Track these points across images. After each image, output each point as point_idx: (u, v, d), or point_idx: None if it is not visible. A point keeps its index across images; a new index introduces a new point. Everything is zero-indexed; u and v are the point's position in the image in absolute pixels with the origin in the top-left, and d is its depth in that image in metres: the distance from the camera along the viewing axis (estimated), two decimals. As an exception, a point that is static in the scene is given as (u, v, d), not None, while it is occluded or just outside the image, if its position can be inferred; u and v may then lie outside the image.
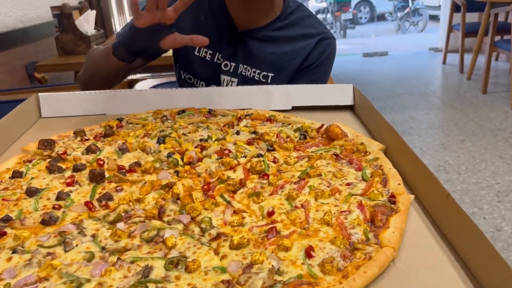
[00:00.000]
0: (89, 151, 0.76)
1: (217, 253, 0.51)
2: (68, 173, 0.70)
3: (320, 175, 0.65)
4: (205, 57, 1.13)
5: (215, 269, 0.47)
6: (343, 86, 0.95)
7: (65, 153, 0.75)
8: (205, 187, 0.63)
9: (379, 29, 8.28)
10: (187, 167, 0.70)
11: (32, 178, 0.69)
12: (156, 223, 0.56)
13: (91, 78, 1.12)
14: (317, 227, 0.53)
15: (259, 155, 0.71)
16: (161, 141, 0.78)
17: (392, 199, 0.57)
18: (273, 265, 0.46)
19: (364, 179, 0.63)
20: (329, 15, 8.52)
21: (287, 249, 0.49)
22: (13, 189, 0.66)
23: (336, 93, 0.95)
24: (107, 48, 1.00)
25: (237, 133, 0.80)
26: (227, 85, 1.14)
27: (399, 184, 0.61)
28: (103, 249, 0.52)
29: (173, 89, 0.97)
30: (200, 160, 0.72)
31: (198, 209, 0.58)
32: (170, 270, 0.47)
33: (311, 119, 0.85)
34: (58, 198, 0.63)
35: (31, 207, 0.61)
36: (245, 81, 1.12)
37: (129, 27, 0.90)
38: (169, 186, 0.64)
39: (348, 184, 0.62)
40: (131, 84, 1.54)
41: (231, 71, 1.13)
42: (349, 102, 0.94)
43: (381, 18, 9.19)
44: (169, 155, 0.73)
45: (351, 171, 0.66)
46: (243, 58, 1.12)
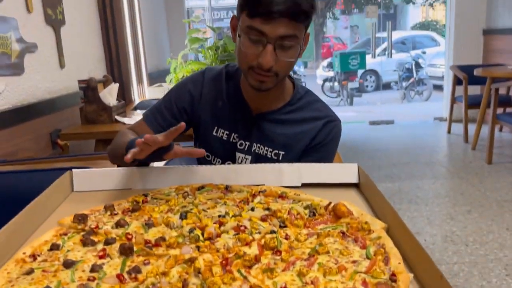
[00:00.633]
0: (118, 225, 0.84)
1: (235, 325, 0.56)
2: (100, 246, 0.77)
3: (328, 252, 0.71)
4: (222, 137, 1.25)
5: None
6: (348, 165, 1.03)
7: (97, 227, 0.83)
8: (224, 262, 0.70)
9: (385, 97, 8.54)
10: (207, 243, 0.77)
11: (68, 250, 0.76)
12: (180, 295, 0.63)
13: (116, 160, 1.24)
14: (326, 302, 0.60)
15: (272, 232, 0.79)
16: (183, 216, 0.86)
17: (393, 277, 0.63)
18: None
19: (368, 257, 0.70)
20: (336, 84, 8.82)
21: (298, 323, 0.55)
22: (52, 261, 0.73)
23: (342, 171, 1.03)
24: (124, 144, 1.09)
25: (252, 209, 0.88)
26: (241, 162, 1.25)
27: (399, 263, 0.67)
28: (134, 319, 0.58)
29: (193, 166, 1.06)
30: (218, 235, 0.79)
31: (217, 284, 0.64)
32: None
33: (319, 195, 0.92)
34: (92, 270, 0.70)
35: (68, 278, 0.67)
36: (258, 158, 1.23)
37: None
38: (191, 260, 0.71)
39: (353, 261, 0.68)
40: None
41: (246, 149, 1.24)
42: (354, 180, 1.01)
43: (387, 86, 9.50)
44: (191, 231, 0.80)
45: (356, 249, 0.72)
46: (257, 138, 1.24)
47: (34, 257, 0.74)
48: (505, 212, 2.86)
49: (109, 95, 2.48)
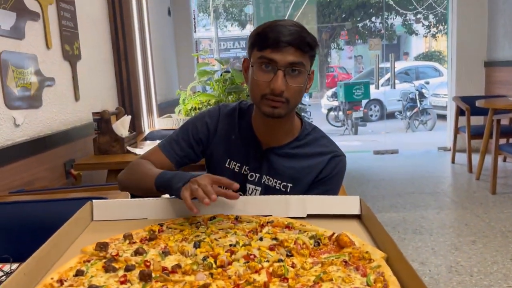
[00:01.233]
0: (137, 253, 0.91)
1: None
2: (121, 272, 0.83)
3: (331, 279, 0.77)
4: (234, 169, 1.34)
5: None
6: (351, 197, 1.10)
7: (117, 254, 0.90)
8: (235, 288, 0.76)
9: (389, 127, 8.61)
10: (220, 270, 0.83)
11: (92, 276, 0.83)
12: (196, 318, 0.69)
13: (130, 188, 1.33)
14: (329, 325, 0.65)
15: (280, 260, 0.85)
16: (197, 245, 0.93)
17: (390, 303, 0.69)
18: None
19: (368, 285, 0.76)
20: (340, 113, 8.92)
21: None
22: (77, 286, 0.79)
23: (345, 203, 1.10)
24: (150, 176, 1.19)
25: (261, 239, 0.95)
26: (252, 192, 1.33)
27: (397, 290, 0.73)
28: None
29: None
30: (230, 263, 0.86)
31: (230, 308, 0.70)
32: None
33: (323, 226, 0.99)
34: (114, 294, 0.76)
35: (93, 302, 0.75)
36: (267, 189, 1.32)
37: (174, 189, 1.10)
38: (205, 286, 0.77)
39: (354, 288, 0.75)
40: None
41: (256, 181, 1.33)
42: (356, 212, 1.08)
43: (391, 116, 9.59)
44: (204, 259, 0.87)
45: (357, 276, 0.79)
46: (267, 170, 1.32)
47: (61, 282, 0.81)
48: (510, 242, 2.88)
49: (122, 126, 2.58)
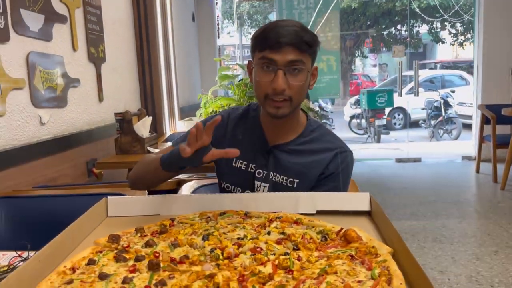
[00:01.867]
0: (147, 245, 0.93)
1: (248, 332, 0.63)
2: (131, 262, 0.86)
3: (336, 272, 0.78)
4: (240, 167, 1.37)
5: None
6: (361, 194, 1.09)
7: (128, 246, 0.92)
8: (240, 278, 0.77)
9: (413, 135, 8.46)
10: (226, 261, 0.85)
11: (103, 265, 0.85)
12: (200, 305, 0.70)
13: (139, 179, 1.37)
14: (330, 316, 0.66)
15: (286, 253, 0.86)
16: (206, 238, 0.94)
17: (393, 296, 0.69)
18: None
19: (373, 278, 0.76)
20: (363, 121, 8.83)
21: (304, 332, 0.62)
22: (89, 274, 0.82)
23: (355, 200, 1.09)
24: (156, 158, 1.23)
25: (268, 233, 0.96)
26: (260, 189, 1.35)
27: (401, 283, 0.72)
28: (159, 323, 0.66)
29: (216, 194, 1.16)
30: (237, 255, 0.87)
31: (234, 296, 0.72)
32: None
33: (332, 222, 0.99)
34: (123, 282, 0.78)
35: (103, 288, 0.77)
36: (275, 186, 1.34)
37: (176, 152, 1.12)
38: (211, 276, 0.78)
39: (359, 281, 0.75)
40: (179, 183, 1.76)
41: (263, 178, 1.35)
42: (366, 208, 1.08)
43: (415, 125, 9.42)
44: (212, 250, 0.88)
45: (362, 270, 0.79)
46: (273, 167, 1.35)
47: (73, 270, 0.84)
48: (534, 254, 2.79)
49: (143, 127, 2.64)
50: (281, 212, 1.07)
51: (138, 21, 3.54)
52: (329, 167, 1.33)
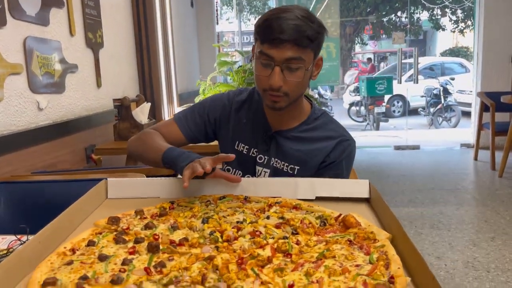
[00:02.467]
0: (147, 227, 0.93)
1: (247, 313, 0.64)
2: (130, 244, 0.86)
3: (334, 257, 0.78)
4: (242, 151, 1.37)
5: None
6: (360, 181, 1.10)
7: (128, 228, 0.93)
8: (239, 261, 0.78)
9: (412, 123, 8.45)
10: (225, 244, 0.85)
11: (102, 246, 0.86)
12: (199, 287, 0.71)
13: (137, 155, 1.37)
14: (328, 298, 0.67)
15: (285, 237, 0.86)
16: (205, 221, 0.95)
17: (391, 279, 0.70)
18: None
19: (371, 262, 0.76)
20: (362, 108, 8.81)
21: (302, 314, 0.63)
22: (88, 255, 0.82)
23: (354, 187, 1.10)
24: (160, 149, 1.21)
25: (268, 217, 0.96)
26: (260, 174, 1.35)
27: (399, 268, 0.73)
28: (158, 304, 0.67)
29: (216, 179, 1.15)
30: (236, 238, 0.87)
31: (233, 279, 0.72)
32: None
33: (331, 208, 0.99)
34: (123, 263, 0.79)
35: (102, 269, 0.77)
36: (276, 171, 1.33)
37: (179, 168, 1.12)
38: (210, 258, 0.79)
39: (357, 265, 0.75)
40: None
41: (265, 163, 1.35)
42: (365, 195, 1.08)
43: (414, 112, 9.41)
44: (211, 233, 0.89)
45: (360, 255, 0.79)
46: (275, 153, 1.34)
47: (73, 251, 0.84)
48: (531, 240, 2.81)
49: (141, 113, 2.63)
50: (280, 197, 1.08)
51: (136, 6, 3.50)
52: (331, 155, 1.31)
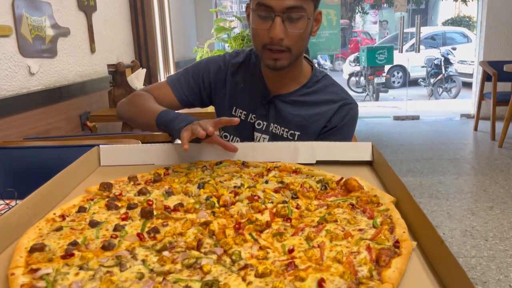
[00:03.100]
0: (140, 193, 0.89)
1: (244, 280, 0.61)
2: (123, 210, 0.83)
3: (336, 221, 0.75)
4: (240, 117, 1.30)
5: (243, 290, 0.57)
6: (363, 144, 1.05)
7: (120, 194, 0.89)
8: (237, 226, 0.74)
9: (412, 94, 8.38)
10: (222, 209, 0.81)
11: (94, 213, 0.82)
12: (195, 253, 0.67)
13: (128, 118, 1.30)
14: (330, 263, 0.63)
15: (284, 202, 0.83)
16: (201, 186, 0.91)
17: (396, 244, 0.66)
18: (290, 290, 0.56)
19: (374, 226, 0.73)
20: (362, 78, 8.72)
21: (302, 280, 0.59)
22: (79, 221, 0.79)
23: (356, 150, 1.05)
24: (153, 112, 1.15)
25: (266, 182, 0.92)
26: (259, 140, 1.30)
27: (404, 232, 0.70)
28: (151, 271, 0.63)
29: (212, 145, 1.11)
30: (233, 203, 0.84)
31: (230, 244, 0.68)
32: (205, 289, 0.58)
33: (333, 172, 0.95)
34: (115, 229, 0.75)
35: (93, 235, 0.73)
36: (275, 138, 1.28)
37: (175, 130, 1.06)
38: (206, 223, 0.76)
39: (360, 230, 0.72)
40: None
41: (263, 129, 1.29)
42: (368, 158, 1.04)
43: (414, 83, 9.33)
44: (207, 198, 0.85)
45: (363, 219, 0.76)
46: (274, 118, 1.28)
47: (63, 217, 0.81)
48: (529, 210, 2.81)
49: (136, 79, 2.56)
50: (280, 162, 1.04)
51: (130, -32, 3.37)
52: (332, 120, 1.26)
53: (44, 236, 0.74)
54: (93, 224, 0.77)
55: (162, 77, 3.82)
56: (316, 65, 1.34)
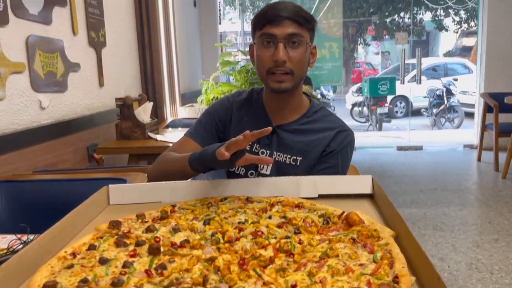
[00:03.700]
0: (148, 230, 0.92)
1: (249, 315, 0.63)
2: (131, 247, 0.85)
3: (337, 256, 0.77)
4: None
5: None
6: (363, 177, 1.09)
7: (129, 231, 0.92)
8: (241, 262, 0.77)
9: (415, 124, 8.43)
10: (227, 245, 0.84)
11: (103, 250, 0.85)
12: (200, 288, 0.70)
13: (162, 177, 1.35)
14: (331, 299, 0.65)
15: (287, 237, 0.85)
16: (207, 223, 0.94)
17: (395, 279, 0.69)
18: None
19: (374, 261, 0.75)
20: (365, 109, 8.79)
21: (305, 315, 0.62)
22: (89, 258, 0.81)
23: (357, 183, 1.09)
24: (183, 158, 1.24)
25: (270, 217, 0.95)
26: (263, 168, 1.39)
27: (403, 267, 0.72)
28: (159, 305, 0.66)
29: (217, 180, 1.15)
30: (237, 239, 0.86)
31: (234, 280, 0.71)
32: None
33: (334, 206, 0.98)
34: (124, 266, 0.78)
35: (103, 272, 0.76)
36: (278, 164, 1.37)
37: (209, 154, 1.12)
38: (212, 259, 0.78)
39: (360, 264, 0.74)
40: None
41: (267, 157, 1.37)
42: (368, 191, 1.07)
43: (417, 113, 9.39)
44: (213, 234, 0.88)
45: (364, 253, 0.78)
46: (277, 146, 1.39)
47: (74, 255, 0.83)
48: (535, 242, 2.79)
49: (143, 113, 2.62)
50: (283, 196, 1.07)
51: (139, 5, 3.50)
52: (331, 144, 1.37)
53: (56, 273, 0.76)
54: (103, 261, 0.79)
55: (168, 109, 3.90)
56: (319, 95, 1.44)
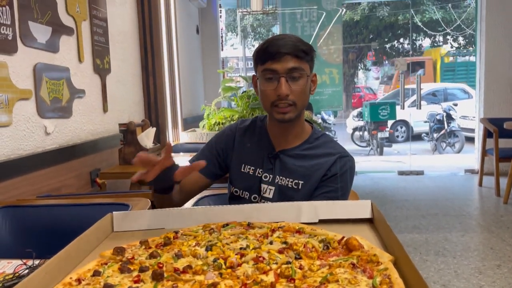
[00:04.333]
0: (151, 256, 0.94)
1: None
2: (135, 273, 0.87)
3: (337, 281, 0.78)
4: (248, 172, 1.46)
5: None
6: (363, 202, 1.11)
7: (133, 258, 0.94)
8: (243, 287, 0.79)
9: (416, 148, 8.46)
10: (229, 270, 0.86)
11: (108, 276, 0.86)
12: (203, 313, 0.71)
13: (163, 202, 1.42)
14: (331, 324, 0.67)
15: (288, 262, 0.87)
16: (209, 249, 0.96)
17: (394, 305, 0.70)
18: None
19: (374, 286, 0.76)
20: (366, 133, 8.84)
21: None
22: (94, 285, 0.83)
23: (357, 208, 1.11)
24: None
25: (271, 243, 0.97)
26: (265, 191, 1.43)
27: (401, 292, 0.74)
28: (162, 330, 0.67)
29: (219, 206, 1.17)
30: (239, 265, 0.88)
31: (236, 304, 0.72)
32: None
33: (334, 231, 1.00)
34: (128, 291, 0.80)
35: (107, 298, 0.78)
36: (280, 188, 1.41)
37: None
38: (214, 285, 0.79)
39: (360, 290, 0.76)
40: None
41: (269, 181, 1.43)
42: (368, 215, 1.09)
43: (418, 137, 9.42)
44: (215, 260, 0.90)
45: (364, 278, 0.79)
46: (279, 171, 1.43)
47: (79, 281, 0.85)
48: (537, 268, 2.78)
49: (146, 138, 2.66)
50: (284, 222, 1.09)
51: (143, 33, 3.59)
52: (331, 169, 1.41)
53: (61, 299, 0.78)
54: (107, 287, 0.81)
55: (170, 134, 3.94)
56: (320, 120, 1.49)
